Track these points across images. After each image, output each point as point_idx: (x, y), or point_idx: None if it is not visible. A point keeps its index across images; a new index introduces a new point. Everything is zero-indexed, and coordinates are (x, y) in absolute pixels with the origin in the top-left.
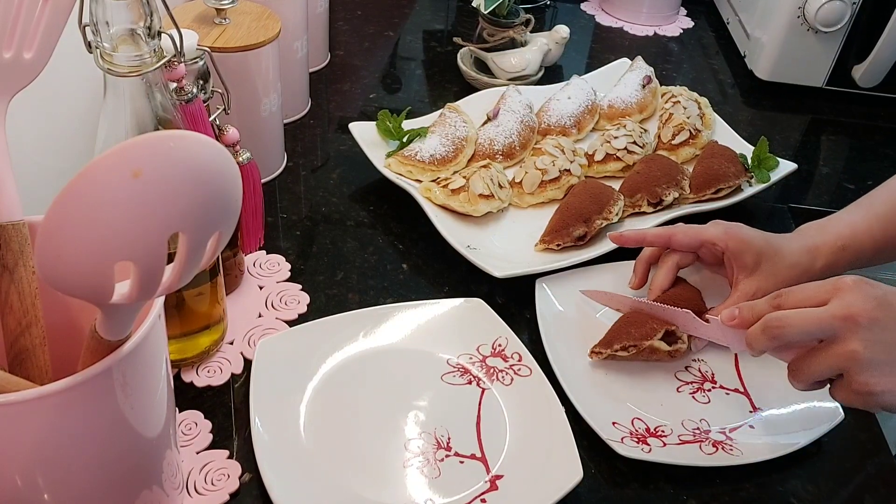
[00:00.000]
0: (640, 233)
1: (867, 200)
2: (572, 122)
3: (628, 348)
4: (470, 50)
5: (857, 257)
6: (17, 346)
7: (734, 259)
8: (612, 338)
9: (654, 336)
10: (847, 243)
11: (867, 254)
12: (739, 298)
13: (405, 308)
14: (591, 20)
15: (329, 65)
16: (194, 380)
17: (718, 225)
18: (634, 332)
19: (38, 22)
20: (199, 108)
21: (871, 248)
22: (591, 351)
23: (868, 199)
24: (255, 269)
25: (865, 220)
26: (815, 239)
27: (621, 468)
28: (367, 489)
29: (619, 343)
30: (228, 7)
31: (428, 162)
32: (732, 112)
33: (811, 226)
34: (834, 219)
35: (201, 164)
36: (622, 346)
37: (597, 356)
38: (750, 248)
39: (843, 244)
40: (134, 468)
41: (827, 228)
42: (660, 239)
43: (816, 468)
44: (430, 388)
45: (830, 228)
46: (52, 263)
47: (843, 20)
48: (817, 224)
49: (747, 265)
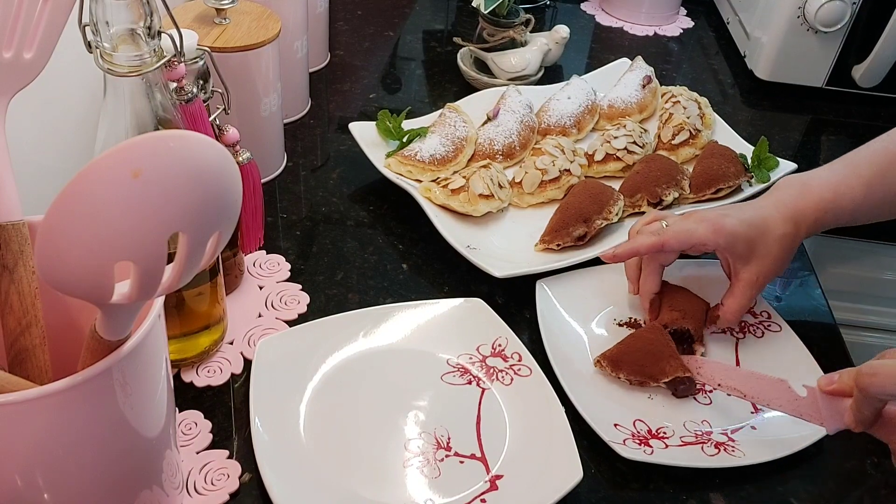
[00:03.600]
0: (632, 247)
1: (851, 160)
2: (572, 122)
3: (632, 382)
4: (470, 50)
5: (839, 218)
6: (17, 346)
7: (727, 252)
8: (620, 361)
9: (662, 379)
10: (829, 206)
11: (846, 216)
12: (743, 289)
13: (405, 308)
14: (591, 20)
15: (329, 65)
16: (194, 380)
17: (704, 223)
18: (647, 367)
19: (38, 22)
20: (199, 108)
21: (852, 210)
22: (595, 360)
23: (852, 160)
24: (255, 269)
25: (848, 182)
26: (798, 204)
27: (621, 468)
28: (367, 489)
29: (627, 374)
30: (228, 7)
31: (428, 162)
32: (732, 112)
33: (791, 185)
34: (816, 178)
35: (201, 164)
36: (628, 377)
37: (600, 367)
38: (738, 239)
39: (825, 207)
40: (134, 468)
41: (809, 190)
42: (653, 249)
43: (817, 469)
44: (430, 388)
45: (812, 191)
46: (52, 263)
47: (843, 20)
48: (798, 184)
49: (741, 254)
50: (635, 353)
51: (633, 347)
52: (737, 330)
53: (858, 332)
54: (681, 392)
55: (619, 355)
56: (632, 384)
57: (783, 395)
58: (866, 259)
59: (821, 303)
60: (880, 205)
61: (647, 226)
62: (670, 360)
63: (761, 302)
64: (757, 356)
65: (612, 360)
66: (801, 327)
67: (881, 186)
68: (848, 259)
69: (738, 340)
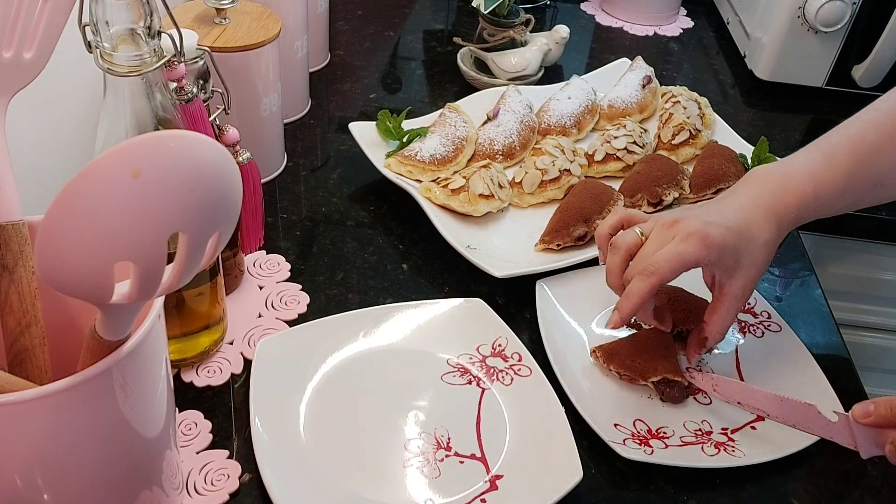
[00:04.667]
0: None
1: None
2: (572, 122)
3: (622, 376)
4: (470, 50)
5: (818, 211)
6: (17, 346)
7: (716, 267)
8: (614, 353)
9: (651, 377)
10: (809, 202)
11: (825, 209)
12: (729, 303)
13: (405, 308)
14: (591, 20)
15: (329, 65)
16: (194, 380)
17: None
18: (639, 363)
19: (38, 22)
20: (199, 108)
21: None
22: (591, 350)
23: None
24: (255, 269)
25: (827, 175)
26: (777, 203)
27: (621, 468)
28: (367, 489)
29: (617, 367)
30: (228, 7)
31: (428, 162)
32: (732, 112)
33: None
34: (793, 169)
35: (201, 164)
36: (618, 370)
37: (594, 358)
38: (727, 250)
39: (805, 202)
40: (134, 468)
41: (787, 186)
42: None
43: (817, 469)
44: (430, 388)
45: (791, 186)
46: (52, 263)
47: (843, 20)
48: (776, 177)
49: (728, 266)
50: (630, 347)
51: (631, 342)
52: (737, 330)
53: (858, 332)
54: (667, 396)
55: (615, 348)
56: (621, 378)
57: (813, 420)
58: (866, 259)
59: (821, 303)
60: (859, 196)
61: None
62: (663, 360)
63: (761, 302)
64: (757, 356)
65: (607, 351)
66: (801, 327)
67: (862, 176)
68: (848, 259)
69: (738, 341)
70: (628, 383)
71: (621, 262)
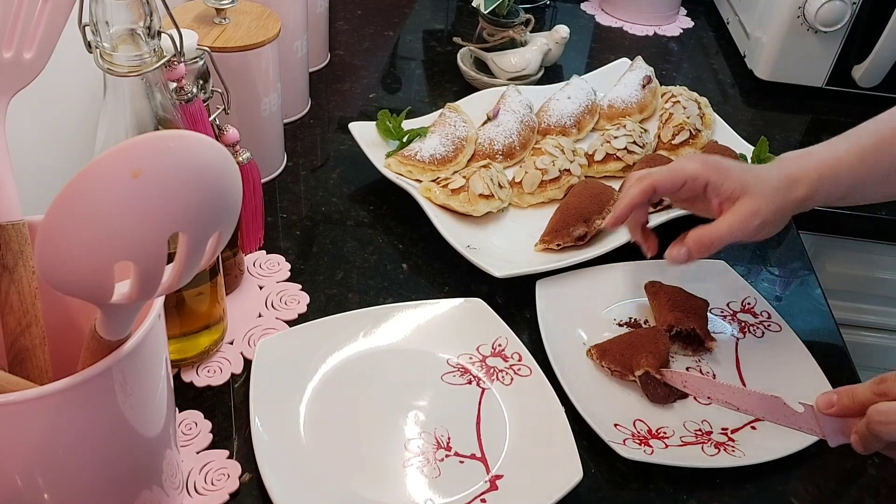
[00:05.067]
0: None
1: (854, 132)
2: (572, 121)
3: (613, 371)
4: (470, 50)
5: (836, 187)
6: (17, 346)
7: (717, 191)
8: (607, 350)
9: (636, 371)
10: (826, 173)
11: (843, 186)
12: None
13: (405, 308)
14: (591, 20)
15: (329, 65)
16: (194, 380)
17: (694, 158)
18: (627, 357)
19: (38, 22)
20: (199, 108)
21: (849, 179)
22: (587, 350)
23: (855, 132)
24: (255, 269)
25: (848, 152)
26: (794, 168)
27: (621, 468)
28: (367, 489)
29: (608, 362)
30: (228, 7)
31: (428, 162)
32: (732, 112)
33: (791, 155)
34: (816, 148)
35: (201, 164)
36: (609, 365)
37: (589, 356)
38: (730, 176)
39: (821, 174)
40: (134, 468)
41: (809, 157)
42: (647, 193)
43: (817, 469)
44: (430, 388)
45: (812, 157)
46: (52, 263)
47: (843, 20)
48: (798, 153)
49: (733, 193)
50: (621, 343)
51: (622, 340)
52: (737, 330)
53: (858, 332)
54: (653, 396)
55: (608, 346)
56: (613, 374)
57: (779, 410)
58: (865, 258)
59: (821, 302)
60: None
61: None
62: (648, 355)
63: (761, 302)
64: (757, 356)
65: (600, 349)
66: (801, 327)
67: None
68: (847, 259)
69: (738, 340)
70: (628, 383)
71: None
